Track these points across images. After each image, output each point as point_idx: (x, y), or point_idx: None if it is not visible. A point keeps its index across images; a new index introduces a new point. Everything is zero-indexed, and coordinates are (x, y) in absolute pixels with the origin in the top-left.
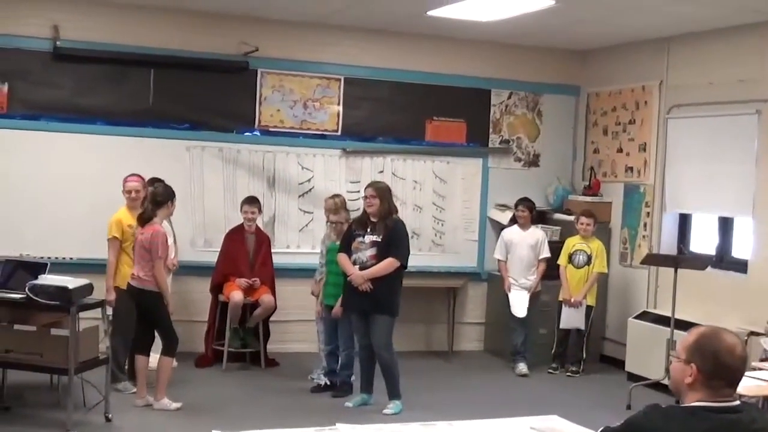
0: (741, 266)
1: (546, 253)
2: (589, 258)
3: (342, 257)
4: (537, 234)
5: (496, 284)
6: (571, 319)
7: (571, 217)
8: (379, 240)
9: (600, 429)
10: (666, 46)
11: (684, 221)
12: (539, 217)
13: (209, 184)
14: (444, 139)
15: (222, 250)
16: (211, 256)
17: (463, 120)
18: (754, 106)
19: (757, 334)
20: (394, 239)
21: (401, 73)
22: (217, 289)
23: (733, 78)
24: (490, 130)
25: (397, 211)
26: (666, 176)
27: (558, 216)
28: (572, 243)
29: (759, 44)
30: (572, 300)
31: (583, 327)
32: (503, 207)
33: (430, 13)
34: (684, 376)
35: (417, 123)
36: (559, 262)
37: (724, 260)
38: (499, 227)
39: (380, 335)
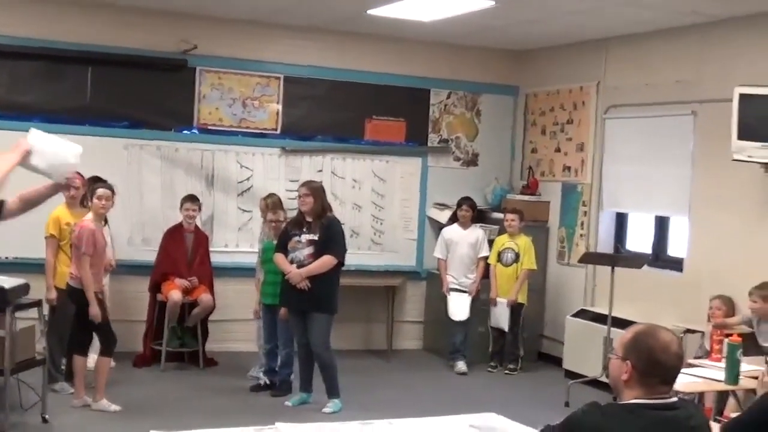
0: (677, 264)
1: (486, 252)
2: (518, 255)
3: (279, 257)
4: (476, 233)
5: (435, 283)
6: (497, 318)
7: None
8: (316, 238)
9: (540, 428)
10: (604, 47)
11: (621, 220)
12: (478, 216)
13: (147, 182)
14: (383, 138)
15: (161, 248)
16: (149, 255)
17: (403, 119)
18: (689, 107)
19: (693, 332)
20: (331, 237)
21: (341, 72)
22: (155, 288)
23: (670, 79)
24: (429, 129)
25: (331, 210)
26: (603, 176)
27: (496, 215)
28: (501, 242)
29: (696, 46)
30: (495, 300)
31: (506, 327)
32: (442, 206)
33: (370, 12)
34: (620, 373)
35: (356, 122)
36: (488, 260)
37: (660, 259)
38: (438, 226)
39: (318, 334)
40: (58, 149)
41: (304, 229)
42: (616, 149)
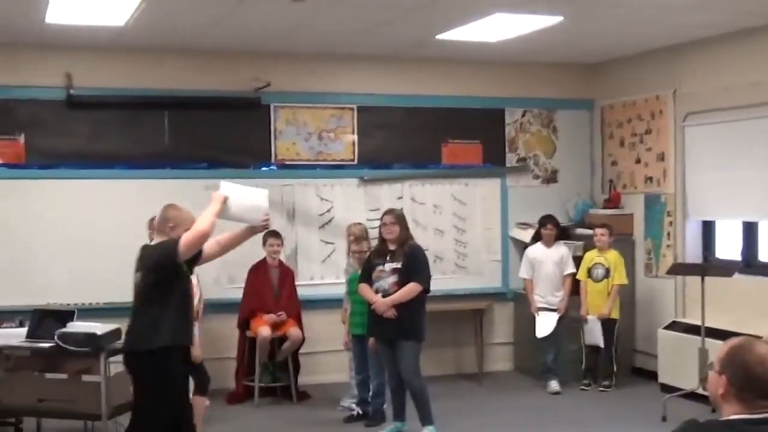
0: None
1: (571, 269)
2: (608, 271)
3: (363, 287)
4: (561, 250)
5: (522, 303)
6: (592, 335)
7: (591, 232)
8: (400, 266)
9: None
10: (678, 54)
11: (707, 228)
12: (562, 233)
13: (229, 221)
14: (460, 161)
15: (246, 285)
16: (235, 293)
17: (479, 141)
18: None
19: None
20: (415, 264)
21: (413, 98)
22: (244, 324)
23: (747, 81)
24: (506, 149)
25: (412, 237)
26: (686, 184)
27: (580, 231)
28: (590, 257)
29: None
30: (586, 317)
31: (601, 344)
32: (524, 225)
33: (439, 37)
34: (717, 388)
35: (433, 147)
36: (578, 276)
37: (751, 265)
38: (522, 246)
39: (408, 362)
40: (249, 195)
41: (388, 258)
42: (698, 156)
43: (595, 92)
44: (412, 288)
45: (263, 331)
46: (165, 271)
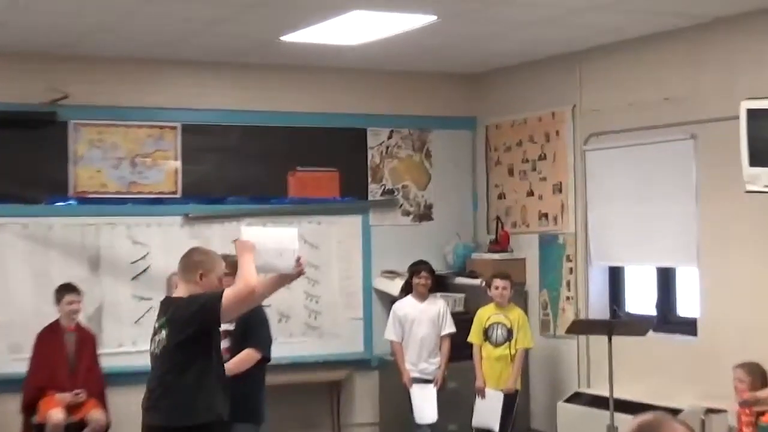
0: (689, 327)
1: (450, 328)
2: (510, 332)
3: None
4: (437, 305)
5: (390, 372)
6: (486, 413)
7: (477, 281)
8: (232, 329)
9: None
10: (577, 63)
11: (615, 276)
12: (438, 284)
13: (13, 271)
14: (312, 193)
15: (34, 355)
16: (19, 366)
17: (335, 169)
18: (688, 130)
19: (716, 411)
20: (250, 325)
21: (254, 115)
22: (29, 407)
23: (659, 96)
24: (369, 178)
25: None
26: (589, 221)
27: (461, 280)
28: (486, 315)
29: (688, 53)
30: (483, 390)
31: (496, 426)
32: (392, 274)
33: (285, 38)
34: None
35: (277, 176)
36: (470, 339)
37: (667, 321)
38: (389, 300)
39: None
40: (275, 238)
41: None
42: (603, 188)
43: (478, 109)
44: (246, 356)
45: (55, 415)
46: (201, 330)
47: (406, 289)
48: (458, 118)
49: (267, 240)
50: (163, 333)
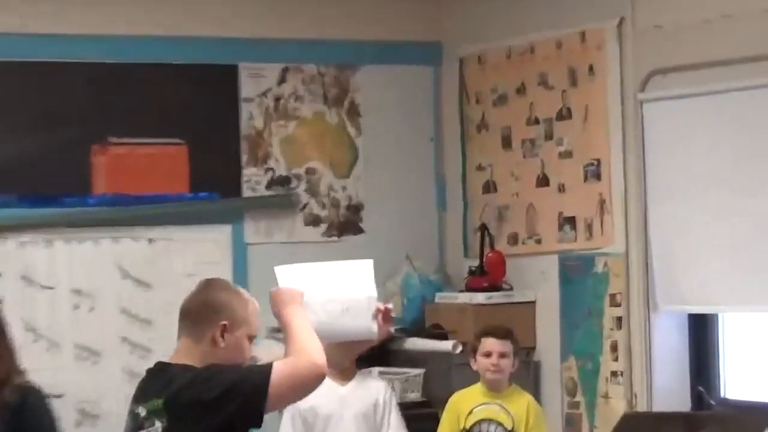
0: None
1: (397, 430)
2: None
3: None
4: (371, 390)
5: None
6: None
7: (448, 345)
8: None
9: None
10: None
11: (702, 332)
12: (374, 350)
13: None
14: (137, 187)
15: None
16: None
17: (181, 140)
18: None
19: None
20: (31, 427)
21: (24, 42)
22: None
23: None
24: (244, 158)
25: (22, 373)
26: (651, 233)
27: (416, 344)
28: (468, 405)
29: None
30: None
31: None
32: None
33: None
34: None
35: (72, 154)
36: None
37: None
38: None
39: None
40: (336, 281)
41: None
42: (676, 170)
43: (445, 28)
44: None
45: None
46: (229, 427)
47: None
48: (410, 44)
49: (319, 286)
50: (158, 426)
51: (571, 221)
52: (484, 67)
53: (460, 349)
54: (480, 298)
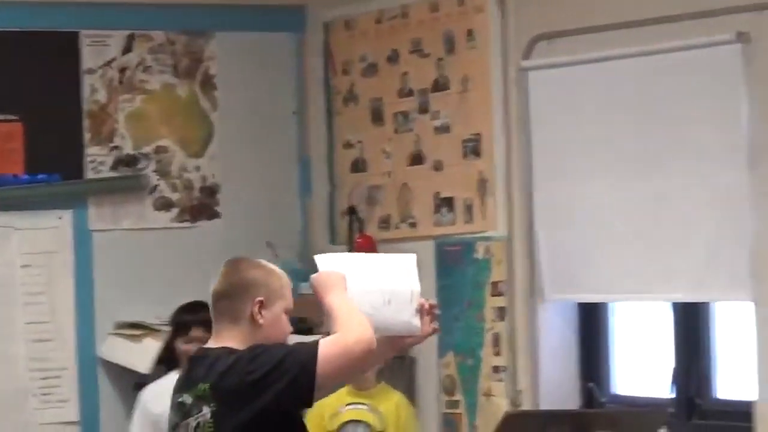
0: (737, 419)
1: None
2: None
3: None
4: None
5: None
6: None
7: (316, 338)
8: None
9: None
10: None
11: (592, 323)
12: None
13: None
14: None
15: None
16: None
17: (15, 116)
18: (730, 25)
19: None
20: None
21: None
22: None
23: None
24: (86, 135)
25: None
26: (536, 215)
27: None
28: (333, 405)
29: None
30: None
31: None
32: (137, 330)
33: None
34: None
35: None
36: None
37: (696, 408)
38: (132, 380)
39: None
40: (377, 272)
41: None
42: (564, 147)
43: None
44: None
45: None
46: (278, 410)
47: (169, 359)
48: (269, 8)
49: (362, 276)
50: (206, 412)
51: (449, 203)
52: (352, 33)
53: None
54: None
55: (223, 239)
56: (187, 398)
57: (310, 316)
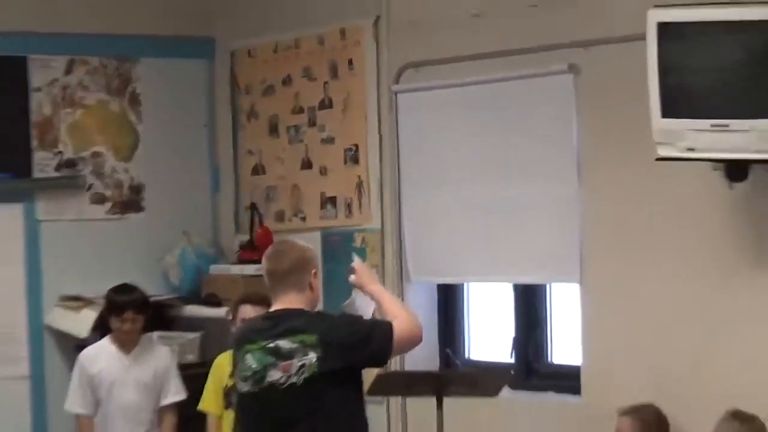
0: (567, 380)
1: (177, 393)
2: None
3: None
4: (155, 355)
5: None
6: None
7: (223, 312)
8: None
9: None
10: None
11: (449, 300)
12: (156, 318)
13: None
14: None
15: None
16: None
17: None
18: (562, 58)
19: None
20: None
21: None
22: None
23: (515, 1)
24: (34, 143)
25: None
26: (404, 211)
27: (193, 310)
28: (225, 365)
29: None
30: None
31: None
32: (77, 302)
33: None
34: None
35: None
36: (203, 407)
37: (533, 372)
38: (74, 345)
39: None
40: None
41: None
42: (427, 155)
43: (218, 24)
44: None
45: None
46: (361, 366)
47: (103, 328)
48: (185, 39)
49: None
50: (312, 356)
51: (333, 201)
52: (254, 60)
53: (230, 315)
54: (250, 269)
55: (147, 228)
56: (286, 344)
57: (218, 292)
